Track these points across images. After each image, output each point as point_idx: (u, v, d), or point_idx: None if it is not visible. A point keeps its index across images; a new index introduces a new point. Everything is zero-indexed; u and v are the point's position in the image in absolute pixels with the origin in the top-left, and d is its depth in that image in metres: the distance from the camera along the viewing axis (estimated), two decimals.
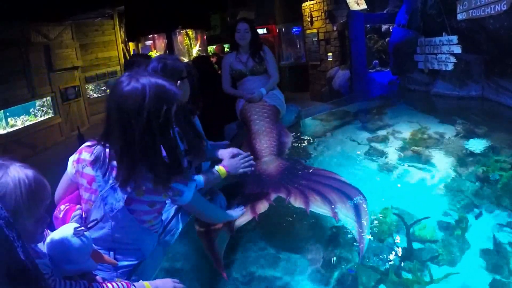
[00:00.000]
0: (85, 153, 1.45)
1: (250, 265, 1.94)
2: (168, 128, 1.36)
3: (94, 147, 1.43)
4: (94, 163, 1.39)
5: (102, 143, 1.41)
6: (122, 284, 1.24)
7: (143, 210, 1.42)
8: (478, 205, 2.28)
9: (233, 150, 2.12)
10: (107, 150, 1.39)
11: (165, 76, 1.50)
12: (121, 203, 1.38)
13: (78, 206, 1.48)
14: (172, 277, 1.41)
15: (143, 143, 1.30)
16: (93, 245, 1.27)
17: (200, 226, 1.96)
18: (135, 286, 1.27)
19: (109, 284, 1.22)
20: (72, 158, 1.48)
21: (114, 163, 1.37)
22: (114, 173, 1.37)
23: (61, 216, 1.43)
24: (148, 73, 1.42)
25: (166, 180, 1.37)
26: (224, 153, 2.13)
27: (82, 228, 1.22)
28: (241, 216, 2.00)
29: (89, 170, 1.42)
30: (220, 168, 1.96)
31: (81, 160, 1.44)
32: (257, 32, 3.59)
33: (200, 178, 1.88)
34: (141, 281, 1.33)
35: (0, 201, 0.91)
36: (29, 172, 1.03)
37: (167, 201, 1.53)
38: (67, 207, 1.44)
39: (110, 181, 1.39)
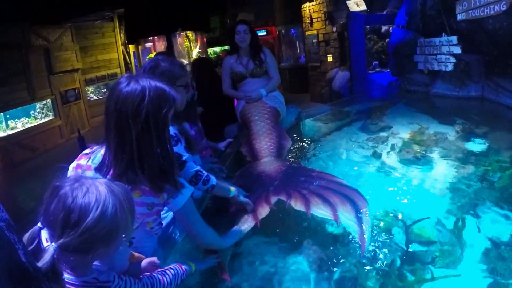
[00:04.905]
0: (84, 159, 1.46)
1: (249, 266, 1.94)
2: (165, 130, 1.39)
3: (91, 154, 1.44)
4: (99, 169, 1.40)
5: (102, 146, 1.42)
6: (175, 268, 1.38)
7: (143, 213, 1.43)
8: (478, 205, 2.27)
9: None
10: (107, 153, 1.40)
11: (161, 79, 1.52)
12: None
13: None
14: None
15: (139, 143, 1.33)
16: None
17: None
18: (186, 265, 1.44)
19: (167, 274, 1.34)
20: (71, 166, 1.50)
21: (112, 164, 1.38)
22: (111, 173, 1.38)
23: None
24: (148, 75, 1.43)
25: (160, 181, 1.38)
26: None
27: None
28: (244, 223, 1.98)
29: (88, 174, 1.43)
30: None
31: (80, 165, 1.46)
32: (256, 34, 3.60)
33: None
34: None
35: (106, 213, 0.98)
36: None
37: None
38: None
39: None
